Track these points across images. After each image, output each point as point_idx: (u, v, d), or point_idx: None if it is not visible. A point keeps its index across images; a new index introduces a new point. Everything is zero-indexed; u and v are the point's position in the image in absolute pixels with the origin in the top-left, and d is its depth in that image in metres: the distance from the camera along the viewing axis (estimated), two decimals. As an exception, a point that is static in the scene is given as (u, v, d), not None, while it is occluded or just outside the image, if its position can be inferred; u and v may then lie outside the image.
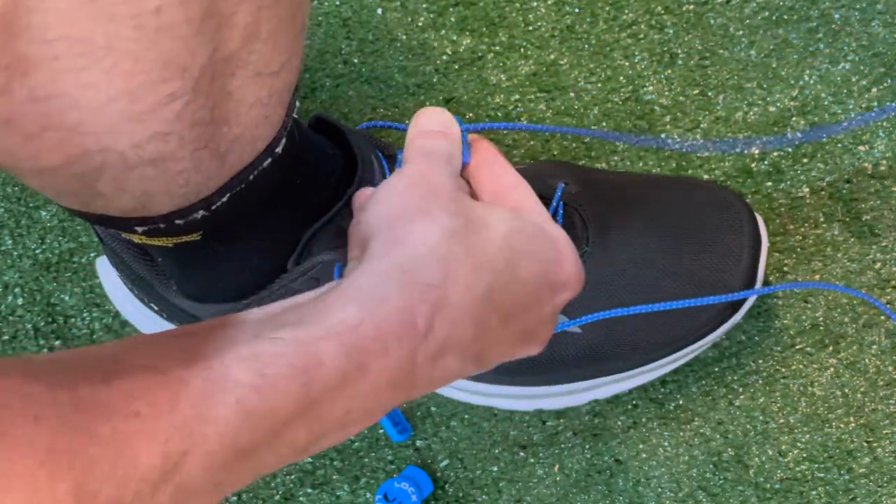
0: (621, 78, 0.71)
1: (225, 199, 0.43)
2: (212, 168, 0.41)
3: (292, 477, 0.68)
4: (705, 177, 0.69)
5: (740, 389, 0.67)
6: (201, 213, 0.43)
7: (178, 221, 0.43)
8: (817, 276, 0.67)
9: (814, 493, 0.65)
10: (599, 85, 0.71)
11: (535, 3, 0.73)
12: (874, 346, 0.66)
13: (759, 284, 0.63)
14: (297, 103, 0.46)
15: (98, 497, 0.30)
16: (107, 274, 0.65)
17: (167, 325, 0.62)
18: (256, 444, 0.34)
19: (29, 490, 0.28)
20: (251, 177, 0.43)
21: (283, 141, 0.44)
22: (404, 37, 0.72)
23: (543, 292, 0.43)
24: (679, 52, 0.71)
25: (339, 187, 0.53)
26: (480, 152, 0.48)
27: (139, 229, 0.43)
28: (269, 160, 0.44)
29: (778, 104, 0.70)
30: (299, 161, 0.51)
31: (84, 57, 0.33)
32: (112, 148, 0.37)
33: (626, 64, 0.71)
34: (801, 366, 0.67)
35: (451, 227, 0.41)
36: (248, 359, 0.35)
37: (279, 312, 0.38)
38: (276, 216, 0.51)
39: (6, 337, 0.69)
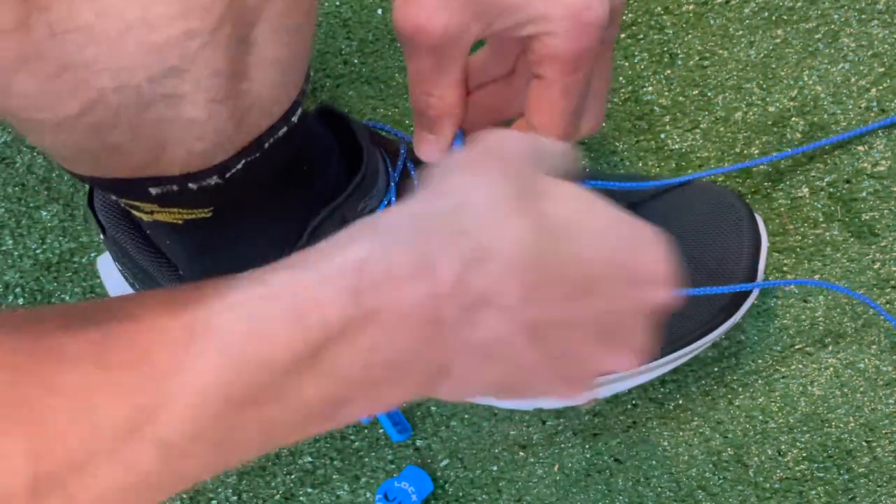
0: (621, 78, 0.71)
1: (240, 166, 0.43)
2: (228, 128, 0.40)
3: (293, 477, 0.68)
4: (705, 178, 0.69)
5: (740, 389, 0.67)
6: (215, 179, 0.43)
7: (191, 185, 0.43)
8: (817, 276, 0.67)
9: (813, 492, 0.65)
10: (599, 85, 0.71)
11: (534, 4, 0.73)
12: (874, 346, 0.66)
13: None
14: (311, 73, 0.46)
15: (54, 453, 0.28)
16: (108, 273, 0.65)
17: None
18: (254, 396, 0.31)
19: None
20: (266, 144, 0.43)
21: (300, 110, 0.44)
22: (404, 37, 0.72)
23: (618, 281, 0.38)
24: (679, 52, 0.71)
25: (342, 178, 0.53)
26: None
27: (153, 191, 0.43)
28: (285, 128, 0.44)
29: (777, 104, 0.70)
30: (306, 146, 0.51)
31: None
32: (128, 84, 0.36)
33: (626, 64, 0.71)
34: (800, 365, 0.67)
35: (506, 188, 0.36)
36: (236, 305, 0.32)
37: (277, 262, 0.35)
38: (282, 200, 0.51)
39: (6, 337, 0.69)
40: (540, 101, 0.44)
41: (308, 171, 0.52)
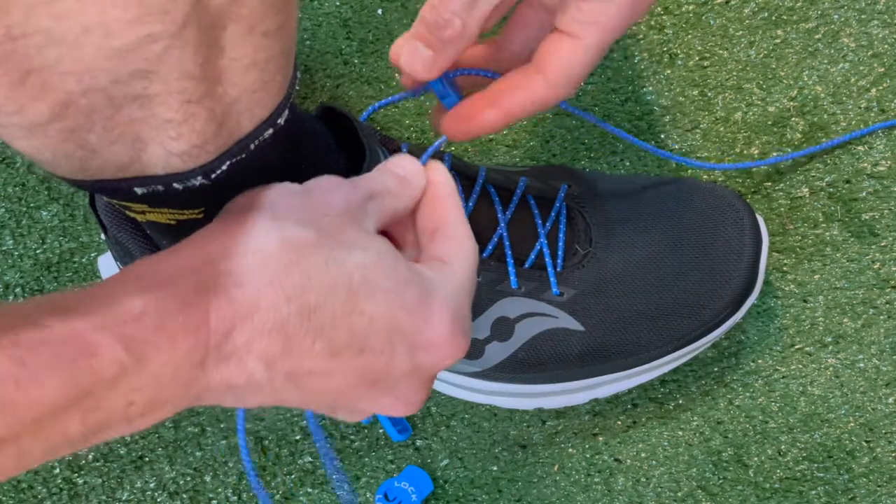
0: (621, 78, 0.71)
1: (224, 167, 0.43)
2: (208, 130, 0.40)
3: (293, 477, 0.68)
4: (705, 177, 0.69)
5: (740, 389, 0.67)
6: (200, 180, 0.43)
7: (176, 185, 0.43)
8: (817, 276, 0.67)
9: (813, 492, 0.65)
10: (599, 85, 0.71)
11: (535, 4, 0.73)
12: (874, 346, 0.66)
13: (760, 283, 0.63)
14: (299, 75, 0.46)
15: None
16: (108, 273, 0.65)
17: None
18: (16, 434, 0.33)
19: None
20: (252, 146, 0.43)
21: (286, 113, 0.44)
22: (405, 37, 0.72)
23: (397, 342, 0.41)
24: (679, 52, 0.71)
25: (344, 177, 0.53)
26: (431, 184, 0.47)
27: (139, 191, 0.43)
28: (271, 130, 0.44)
29: (777, 104, 0.70)
30: (303, 145, 0.51)
31: None
32: (94, 87, 0.36)
33: (626, 64, 0.71)
34: (800, 365, 0.67)
35: (295, 237, 0.39)
36: (8, 346, 0.33)
37: (61, 297, 0.37)
38: None
39: (6, 337, 0.69)
40: (562, 58, 0.47)
41: (306, 171, 0.52)
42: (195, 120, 0.40)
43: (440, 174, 0.48)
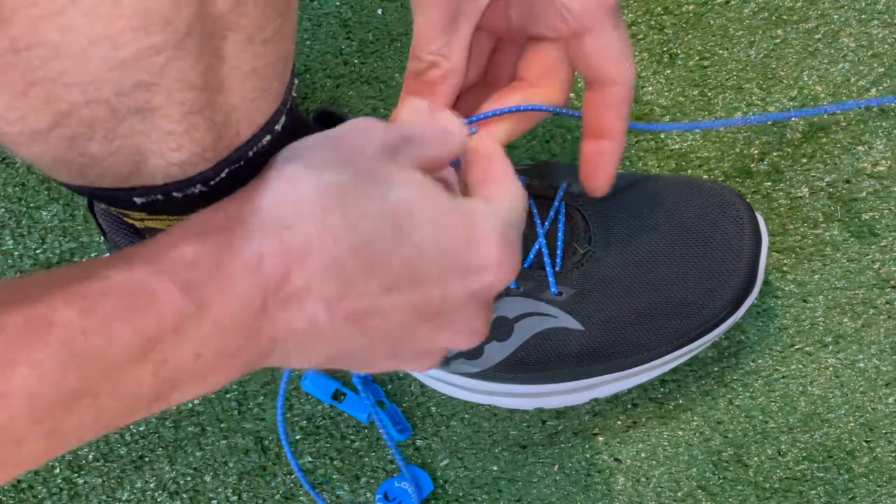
0: (621, 78, 0.71)
1: (223, 174, 0.43)
2: (207, 139, 0.41)
3: (293, 477, 0.68)
4: (705, 177, 0.69)
5: (740, 389, 0.67)
6: (199, 187, 0.43)
7: (175, 194, 0.43)
8: (817, 276, 0.67)
9: (813, 492, 0.65)
10: (599, 85, 0.71)
11: (534, 4, 0.73)
12: (874, 346, 0.66)
13: (759, 282, 0.63)
14: (296, 81, 0.46)
15: None
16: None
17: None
18: (90, 387, 0.33)
19: None
20: (250, 153, 0.43)
21: (283, 119, 0.44)
22: (404, 37, 0.72)
23: (449, 270, 0.40)
24: (679, 52, 0.71)
25: None
26: (477, 148, 0.46)
27: (138, 201, 0.43)
28: (269, 137, 0.44)
29: (777, 104, 0.70)
30: None
31: None
32: (97, 98, 0.36)
33: (626, 64, 0.71)
34: (800, 365, 0.67)
35: (334, 181, 0.39)
36: (75, 298, 0.33)
37: (117, 253, 0.37)
38: None
39: (7, 337, 0.69)
40: (547, 64, 0.46)
41: None
42: (195, 130, 0.40)
43: (489, 137, 0.47)
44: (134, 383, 0.34)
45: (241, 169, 0.44)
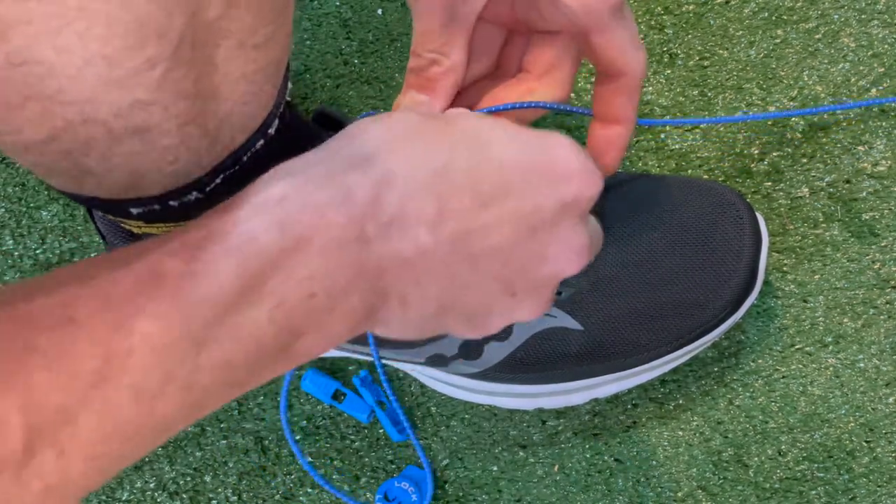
0: (621, 78, 0.71)
1: (218, 180, 0.43)
2: (202, 146, 0.41)
3: (293, 477, 0.68)
4: (705, 177, 0.69)
5: (740, 389, 0.67)
6: (195, 195, 0.43)
7: (172, 203, 0.43)
8: (817, 276, 0.67)
9: (813, 492, 0.65)
10: (599, 85, 0.71)
11: (534, 4, 0.73)
12: (874, 346, 0.66)
13: (760, 282, 0.63)
14: (290, 84, 0.46)
15: (45, 406, 0.30)
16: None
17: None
18: (209, 333, 0.33)
19: None
20: (244, 158, 0.43)
21: (276, 122, 0.44)
22: (404, 37, 0.72)
23: (534, 181, 0.39)
24: (679, 52, 0.71)
25: None
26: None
27: (134, 211, 0.43)
28: (262, 141, 0.44)
29: (777, 104, 0.70)
30: (296, 151, 0.51)
31: (57, 19, 0.33)
32: (94, 118, 0.36)
33: (626, 64, 0.71)
34: (800, 365, 0.67)
35: (404, 118, 0.39)
36: (177, 249, 0.34)
37: (214, 207, 0.37)
38: None
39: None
40: (548, 58, 0.46)
41: None
42: (190, 140, 0.40)
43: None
44: (252, 326, 0.34)
45: (236, 174, 0.44)
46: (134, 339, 0.32)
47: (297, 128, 0.51)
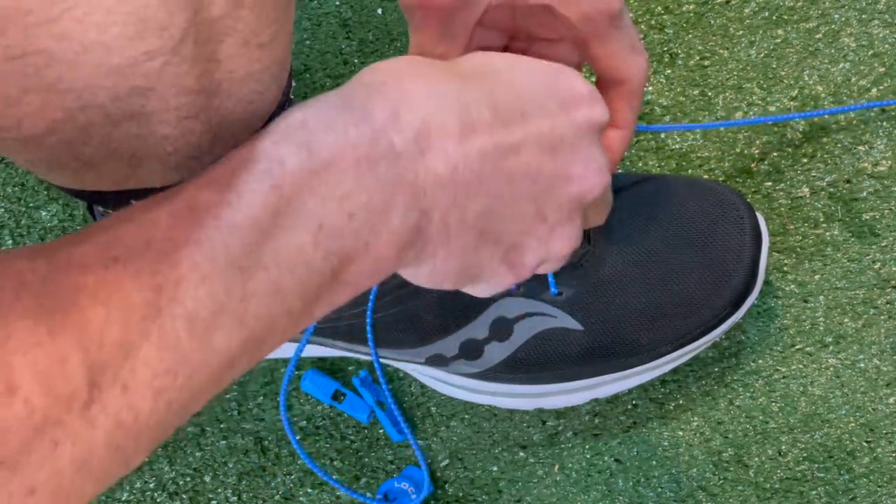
0: (621, 78, 0.71)
1: None
2: (203, 142, 0.41)
3: (293, 477, 0.68)
4: (705, 176, 0.69)
5: (740, 389, 0.67)
6: None
7: None
8: (817, 276, 0.67)
9: (814, 492, 0.65)
10: (599, 85, 0.71)
11: (535, 4, 0.73)
12: (874, 346, 0.66)
13: (760, 282, 0.63)
14: (293, 83, 0.46)
15: (103, 342, 0.30)
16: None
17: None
18: (254, 259, 0.33)
19: (29, 354, 0.28)
20: None
21: None
22: (404, 37, 0.72)
23: (547, 101, 0.40)
24: (679, 52, 0.71)
25: None
26: None
27: (135, 203, 0.43)
28: None
29: (777, 104, 0.70)
30: None
31: (56, 5, 0.33)
32: (92, 103, 0.36)
33: (626, 64, 0.71)
34: (801, 366, 0.67)
35: (413, 58, 0.40)
36: (209, 182, 0.34)
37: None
38: None
39: (6, 337, 0.69)
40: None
41: None
42: (191, 135, 0.40)
43: None
44: (295, 250, 0.34)
45: None
46: (180, 270, 0.31)
47: None
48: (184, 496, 0.68)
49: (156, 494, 0.68)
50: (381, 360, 0.65)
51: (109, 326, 0.30)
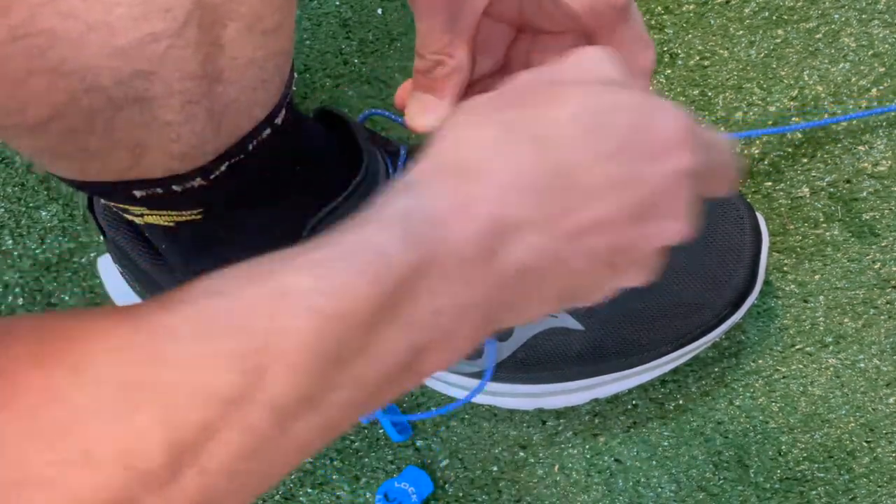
0: (621, 78, 0.71)
1: (223, 168, 0.43)
2: (206, 129, 0.41)
3: (293, 477, 0.68)
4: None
5: (740, 389, 0.67)
6: (199, 181, 0.43)
7: (175, 187, 0.43)
8: (817, 276, 0.67)
9: (814, 492, 0.65)
10: (599, 85, 0.71)
11: (535, 4, 0.73)
12: (874, 346, 0.66)
13: (760, 283, 0.63)
14: (296, 75, 0.46)
15: (183, 423, 0.29)
16: (108, 274, 0.65)
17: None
18: (344, 352, 0.32)
19: (110, 425, 0.28)
20: (250, 146, 0.43)
21: (283, 113, 0.44)
22: (404, 37, 0.72)
23: (639, 161, 0.37)
24: (679, 52, 0.71)
25: (342, 179, 0.53)
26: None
27: (138, 194, 0.43)
28: (269, 130, 0.44)
29: (777, 104, 0.70)
30: (300, 146, 0.50)
31: None
32: (96, 85, 0.36)
33: (626, 64, 0.71)
34: (801, 366, 0.67)
35: (504, 119, 0.37)
36: (305, 266, 0.33)
37: (339, 226, 0.36)
38: (277, 202, 0.51)
39: (6, 337, 0.69)
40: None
41: (304, 172, 0.51)
42: (195, 121, 0.40)
43: None
44: (383, 345, 0.33)
45: (241, 162, 0.44)
46: (268, 357, 0.31)
47: (300, 122, 0.51)
48: (184, 496, 0.68)
49: (156, 494, 0.68)
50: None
51: (193, 408, 0.29)
